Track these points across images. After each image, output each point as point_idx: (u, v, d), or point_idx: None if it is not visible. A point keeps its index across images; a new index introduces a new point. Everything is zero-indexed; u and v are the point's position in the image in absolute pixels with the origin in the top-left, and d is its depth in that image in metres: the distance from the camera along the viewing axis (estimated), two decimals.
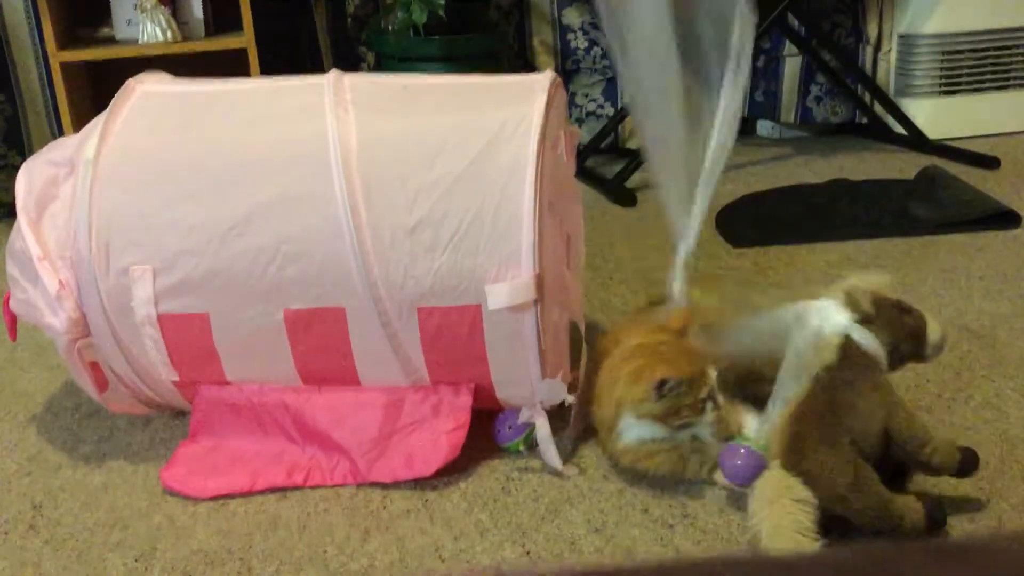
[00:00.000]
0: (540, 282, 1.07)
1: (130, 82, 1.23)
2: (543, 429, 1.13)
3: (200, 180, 1.13)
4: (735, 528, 1.03)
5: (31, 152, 1.23)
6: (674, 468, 1.09)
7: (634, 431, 1.09)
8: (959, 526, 1.01)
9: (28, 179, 1.17)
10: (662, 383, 1.04)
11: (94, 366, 1.20)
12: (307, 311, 1.12)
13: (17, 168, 1.22)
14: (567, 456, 1.17)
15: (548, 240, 1.11)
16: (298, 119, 1.15)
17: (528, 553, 1.01)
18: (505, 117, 1.11)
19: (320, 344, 1.14)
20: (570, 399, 1.13)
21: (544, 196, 1.08)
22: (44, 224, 1.15)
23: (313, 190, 1.09)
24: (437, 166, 1.09)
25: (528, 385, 1.13)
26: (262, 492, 1.13)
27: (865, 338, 1.04)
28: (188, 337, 1.15)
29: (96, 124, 1.17)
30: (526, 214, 1.07)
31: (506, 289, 1.06)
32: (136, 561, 1.04)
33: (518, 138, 1.09)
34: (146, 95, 1.22)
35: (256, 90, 1.25)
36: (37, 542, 1.08)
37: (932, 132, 2.47)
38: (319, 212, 1.09)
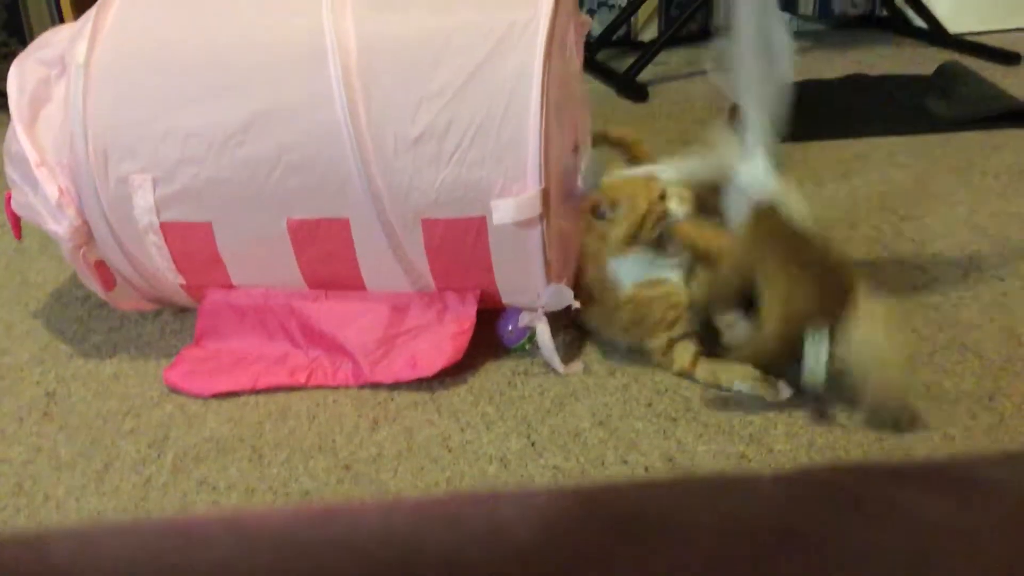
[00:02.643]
0: (546, 196, 1.05)
1: None
2: (544, 334, 1.13)
3: (195, 86, 1.09)
4: (736, 422, 1.04)
5: (32, 38, 1.21)
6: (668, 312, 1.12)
7: (624, 273, 1.14)
8: (960, 423, 1.02)
9: (19, 80, 1.14)
10: (593, 207, 1.12)
11: (100, 265, 1.20)
12: (311, 221, 1.11)
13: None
14: (573, 354, 1.18)
15: (555, 148, 1.08)
16: (295, 22, 1.10)
17: (533, 444, 1.03)
18: (511, 19, 1.06)
19: (325, 253, 1.14)
20: (576, 304, 1.13)
21: (551, 104, 1.05)
22: (39, 127, 1.13)
23: (312, 100, 1.06)
24: (440, 74, 1.05)
25: (534, 291, 1.13)
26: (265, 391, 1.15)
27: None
28: (192, 244, 1.15)
29: (85, 22, 1.13)
30: (532, 126, 1.04)
31: (512, 204, 1.05)
32: (149, 447, 1.06)
33: (524, 44, 1.05)
34: None
35: None
36: (51, 429, 1.10)
37: (953, 26, 2.40)
38: (319, 123, 1.06)
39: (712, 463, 0.99)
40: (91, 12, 1.14)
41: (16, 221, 1.21)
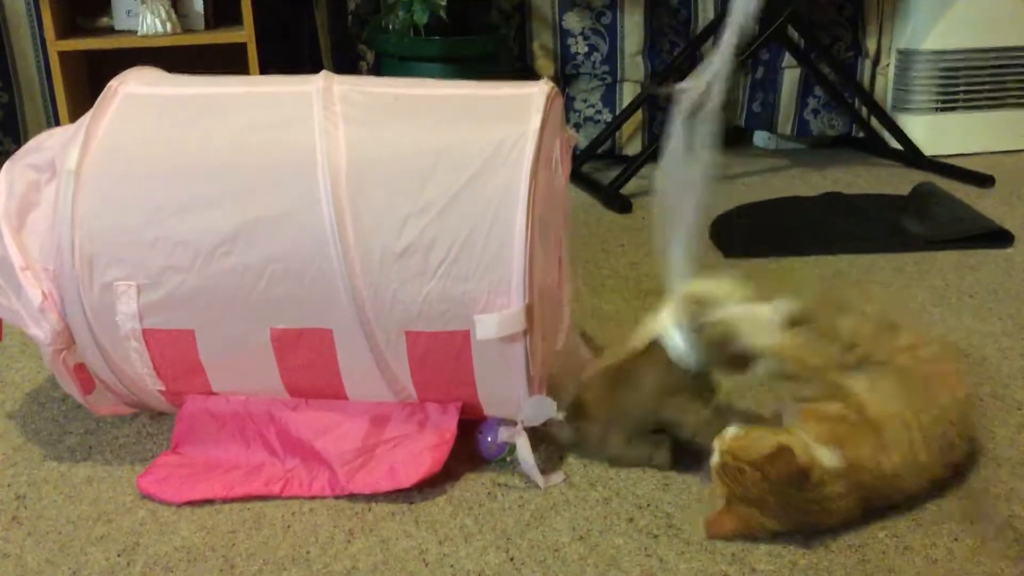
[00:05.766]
0: (530, 312, 1.07)
1: (112, 83, 1.20)
2: (524, 449, 1.12)
3: (185, 196, 1.10)
4: (719, 541, 1.03)
5: (28, 139, 1.23)
6: None
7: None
8: (942, 545, 1.01)
9: (8, 185, 1.15)
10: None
11: (79, 368, 1.19)
12: (294, 331, 1.11)
13: None
14: (554, 465, 1.17)
15: (539, 263, 1.10)
16: (286, 134, 1.12)
17: (512, 559, 1.01)
18: (498, 140, 1.09)
19: (307, 362, 1.14)
20: (559, 416, 1.13)
21: (536, 220, 1.07)
22: (26, 232, 1.14)
23: (301, 211, 1.08)
24: (428, 190, 1.07)
25: (516, 404, 1.13)
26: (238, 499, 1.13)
27: (675, 343, 1.11)
28: (173, 351, 1.15)
29: (78, 129, 1.14)
30: (517, 243, 1.05)
31: (495, 320, 1.06)
32: (119, 556, 1.03)
33: (511, 162, 1.07)
34: (129, 99, 1.19)
35: (243, 97, 1.22)
36: (20, 534, 1.07)
37: (928, 148, 2.48)
38: (307, 234, 1.07)
39: None
40: (85, 118, 1.16)
41: None
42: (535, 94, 1.15)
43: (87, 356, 1.17)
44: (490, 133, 1.10)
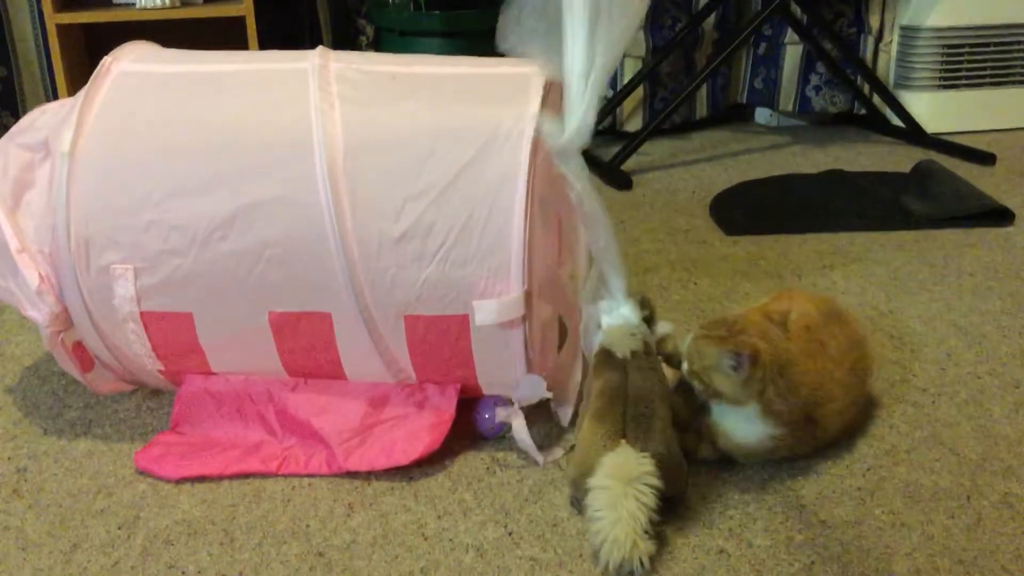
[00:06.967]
0: (529, 297, 1.06)
1: (106, 60, 1.19)
2: (520, 429, 1.13)
3: (179, 178, 1.09)
4: (716, 514, 1.03)
5: (26, 112, 1.22)
6: None
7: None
8: (939, 521, 1.02)
9: (2, 164, 1.14)
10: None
11: (78, 347, 1.19)
12: (292, 314, 1.11)
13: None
14: (552, 441, 1.17)
15: (539, 245, 1.09)
16: (282, 115, 1.11)
17: (510, 534, 1.02)
18: (498, 119, 1.08)
19: (306, 344, 1.14)
20: (549, 395, 1.13)
21: (536, 202, 1.07)
22: (21, 212, 1.13)
23: (297, 195, 1.07)
24: (426, 174, 1.06)
25: (515, 384, 1.13)
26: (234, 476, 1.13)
27: (647, 333, 1.12)
28: (172, 333, 1.15)
29: (72, 109, 1.13)
30: (516, 228, 1.05)
31: (494, 306, 1.05)
32: (119, 529, 1.04)
33: (510, 146, 1.07)
34: (122, 76, 1.18)
35: (238, 75, 1.19)
36: (20, 506, 1.08)
37: (930, 126, 2.47)
38: (304, 218, 1.07)
39: (691, 557, 0.98)
40: (78, 97, 1.15)
41: None
42: (535, 72, 1.15)
43: (85, 337, 1.17)
44: (489, 115, 1.10)
